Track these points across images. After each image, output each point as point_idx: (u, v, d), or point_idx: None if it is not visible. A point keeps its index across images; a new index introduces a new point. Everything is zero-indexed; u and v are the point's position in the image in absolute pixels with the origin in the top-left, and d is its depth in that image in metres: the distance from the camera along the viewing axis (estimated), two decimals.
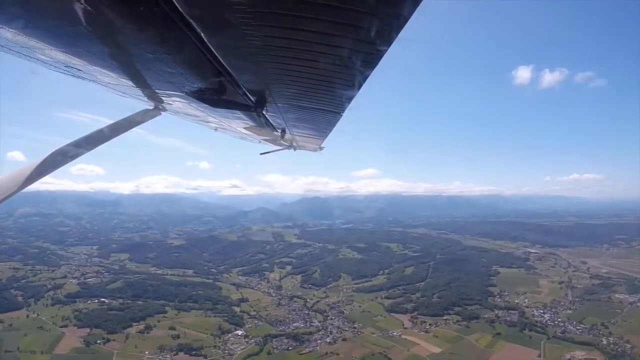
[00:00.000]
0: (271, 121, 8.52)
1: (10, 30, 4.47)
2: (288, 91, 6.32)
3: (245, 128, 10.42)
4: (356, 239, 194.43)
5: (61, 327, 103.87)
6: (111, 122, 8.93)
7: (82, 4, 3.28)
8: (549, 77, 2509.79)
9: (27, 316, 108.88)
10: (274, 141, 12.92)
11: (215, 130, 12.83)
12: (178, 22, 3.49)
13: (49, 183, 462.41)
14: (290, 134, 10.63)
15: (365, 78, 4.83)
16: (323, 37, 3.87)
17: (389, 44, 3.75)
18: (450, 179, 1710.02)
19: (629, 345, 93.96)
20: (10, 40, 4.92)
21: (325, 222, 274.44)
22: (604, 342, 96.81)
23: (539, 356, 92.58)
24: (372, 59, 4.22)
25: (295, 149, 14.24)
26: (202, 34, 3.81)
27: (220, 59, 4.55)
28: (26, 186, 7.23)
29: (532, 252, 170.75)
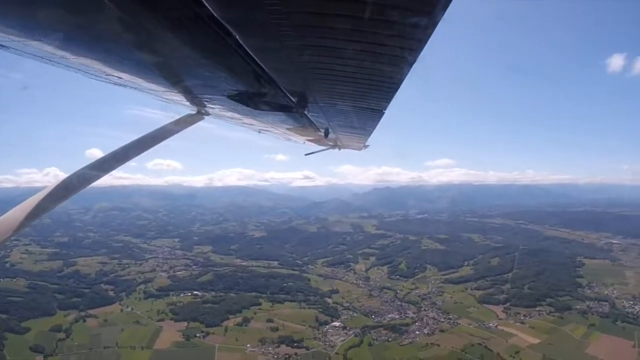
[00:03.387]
0: (314, 121, 8.73)
1: (52, 43, 4.86)
2: (328, 91, 6.50)
3: (288, 129, 10.68)
4: (435, 230, 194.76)
5: (158, 321, 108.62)
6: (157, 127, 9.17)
7: (116, 13, 3.48)
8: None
9: (121, 310, 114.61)
10: (318, 141, 13.13)
11: (259, 132, 13.11)
12: (213, 26, 3.58)
13: (123, 178, 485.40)
14: (334, 133, 10.82)
15: (404, 74, 4.87)
16: (359, 34, 3.90)
17: (427, 37, 3.67)
18: (524, 167, 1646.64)
19: None
20: (54, 54, 5.33)
21: (399, 213, 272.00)
22: None
23: (634, 346, 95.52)
24: (410, 55, 4.22)
25: (340, 149, 14.63)
26: (237, 37, 3.90)
27: (259, 61, 4.67)
28: (89, 184, 7.60)
29: (614, 243, 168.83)
